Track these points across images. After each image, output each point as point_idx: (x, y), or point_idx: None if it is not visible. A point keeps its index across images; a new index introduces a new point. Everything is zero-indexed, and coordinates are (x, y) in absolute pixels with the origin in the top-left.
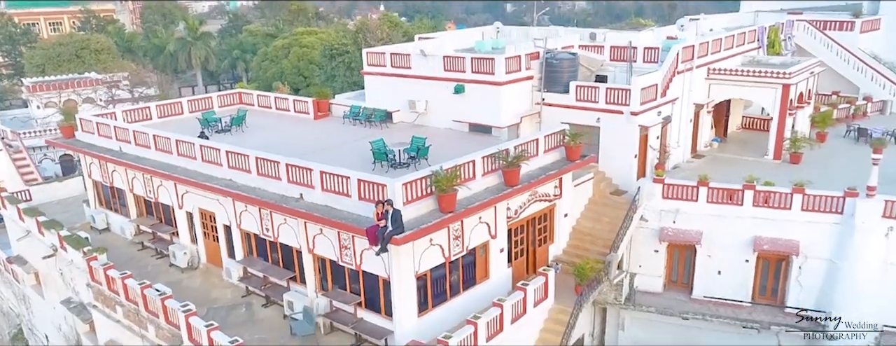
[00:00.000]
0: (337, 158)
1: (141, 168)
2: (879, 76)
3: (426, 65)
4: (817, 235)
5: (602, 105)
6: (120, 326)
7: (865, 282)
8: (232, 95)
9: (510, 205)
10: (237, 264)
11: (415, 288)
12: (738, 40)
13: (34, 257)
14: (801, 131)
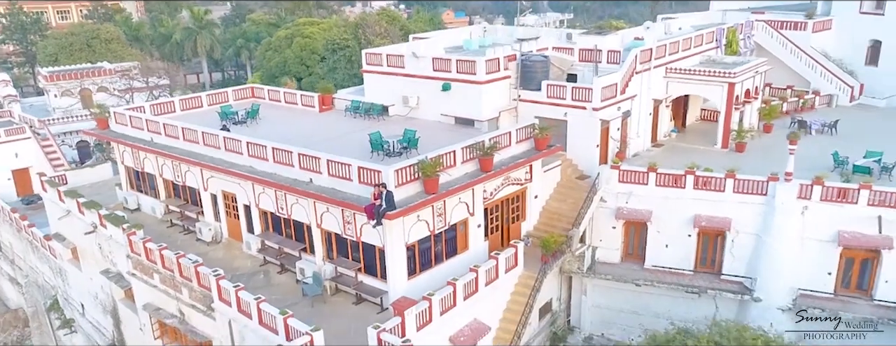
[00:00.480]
0: (340, 148)
1: (171, 156)
2: (827, 73)
3: (418, 65)
4: (746, 213)
5: (569, 101)
6: (156, 290)
7: (785, 253)
8: (245, 89)
9: (486, 188)
10: (256, 237)
11: (405, 256)
12: (697, 41)
13: (72, 234)
14: (751, 123)
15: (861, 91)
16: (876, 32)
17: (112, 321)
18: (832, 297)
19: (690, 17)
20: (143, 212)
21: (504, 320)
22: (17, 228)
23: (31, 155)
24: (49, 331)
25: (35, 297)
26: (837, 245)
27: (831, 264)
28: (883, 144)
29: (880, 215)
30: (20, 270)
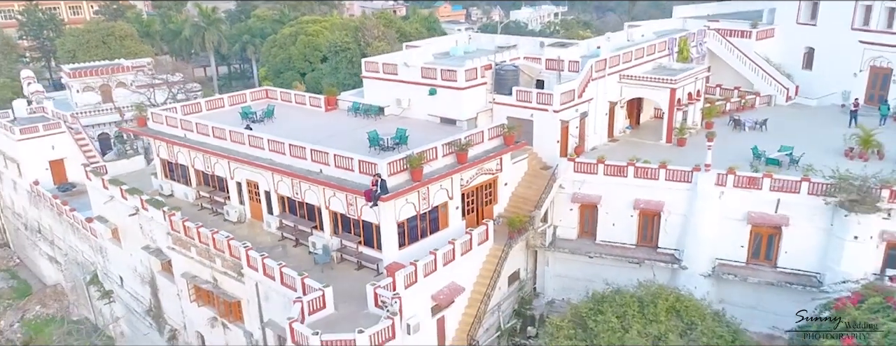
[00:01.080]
0: (343, 143)
1: (202, 150)
2: (768, 76)
3: (409, 73)
4: (676, 197)
5: (534, 104)
6: (193, 261)
7: (706, 230)
8: (260, 91)
9: (463, 176)
10: (274, 218)
11: (396, 231)
12: (649, 50)
13: (114, 216)
14: (694, 121)
15: (796, 92)
16: (810, 41)
17: (150, 289)
18: (744, 265)
19: (654, 24)
20: (176, 197)
21: (477, 283)
22: (57, 212)
23: (66, 147)
24: (87, 303)
25: (74, 273)
26: (747, 223)
27: (743, 238)
28: (802, 139)
29: (779, 199)
30: (59, 250)
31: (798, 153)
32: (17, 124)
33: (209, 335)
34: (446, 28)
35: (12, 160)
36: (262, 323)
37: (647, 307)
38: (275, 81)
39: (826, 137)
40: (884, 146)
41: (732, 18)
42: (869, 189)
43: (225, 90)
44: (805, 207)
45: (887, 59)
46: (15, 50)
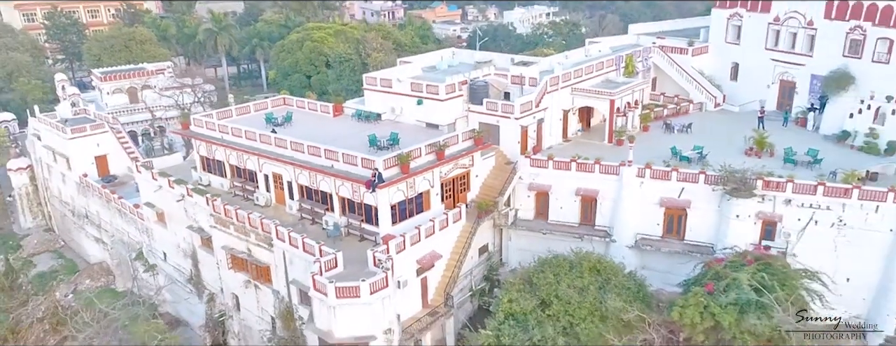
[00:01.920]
0: (349, 144)
1: (236, 148)
2: (700, 86)
3: (401, 86)
4: (608, 186)
5: (500, 113)
6: (231, 236)
7: (630, 211)
8: (279, 99)
9: (442, 170)
10: (295, 202)
11: (389, 211)
12: (598, 66)
13: (161, 202)
14: (633, 125)
15: (724, 100)
16: (736, 57)
17: (191, 262)
18: (659, 239)
19: (611, 40)
20: (213, 187)
21: (453, 252)
22: (106, 199)
23: (108, 144)
24: (130, 277)
25: (119, 251)
26: (661, 206)
27: (658, 218)
28: (718, 139)
29: (683, 187)
30: (105, 232)
31: (708, 152)
32: (68, 125)
33: (243, 295)
34: (442, 29)
35: (62, 156)
36: (288, 282)
37: (576, 267)
38: (283, 83)
39: (737, 138)
40: (774, 146)
41: (677, 36)
42: (746, 180)
43: (235, 90)
44: (702, 193)
45: (792, 74)
46: (42, 52)
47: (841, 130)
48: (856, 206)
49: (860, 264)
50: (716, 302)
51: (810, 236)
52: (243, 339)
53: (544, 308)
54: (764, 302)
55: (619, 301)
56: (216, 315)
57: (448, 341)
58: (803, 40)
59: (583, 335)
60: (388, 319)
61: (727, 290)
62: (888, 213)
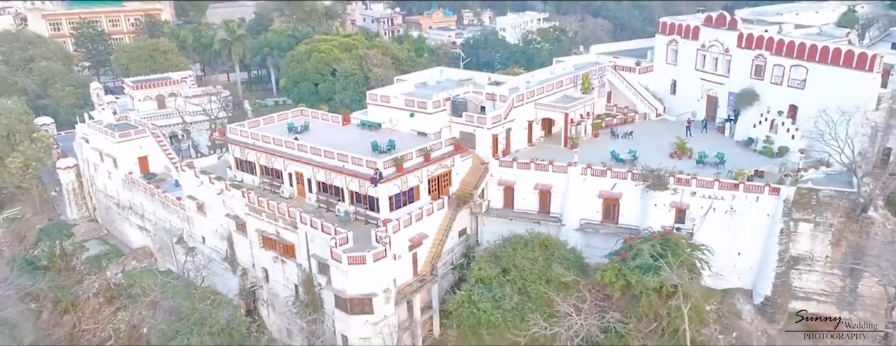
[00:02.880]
0: (355, 148)
1: (265, 152)
2: (645, 99)
3: (397, 101)
4: (559, 181)
5: (476, 124)
6: (262, 222)
7: (575, 202)
8: (297, 111)
9: (429, 169)
10: (313, 195)
11: (388, 201)
12: (558, 84)
13: (201, 195)
14: (586, 132)
15: (664, 111)
16: (674, 75)
17: (227, 244)
18: (599, 223)
19: (576, 59)
20: (245, 183)
21: (437, 234)
22: (151, 193)
23: (149, 147)
24: (171, 258)
25: (161, 237)
26: (600, 197)
27: (598, 206)
28: (653, 144)
29: (615, 182)
30: (148, 221)
31: (640, 155)
32: (115, 130)
33: (271, 269)
34: (437, 35)
35: (109, 156)
36: (309, 256)
37: (529, 243)
38: (293, 90)
39: (667, 143)
40: (693, 150)
41: (630, 55)
42: (662, 177)
43: (247, 94)
44: (630, 187)
45: (715, 90)
46: (71, 60)
47: (747, 137)
48: (742, 197)
49: (747, 242)
50: (626, 267)
51: (710, 220)
52: (271, 304)
53: (505, 274)
54: (658, 265)
55: (560, 269)
56: (248, 286)
57: (433, 302)
58: (722, 64)
59: (533, 294)
60: (386, 282)
61: (635, 258)
62: (765, 202)
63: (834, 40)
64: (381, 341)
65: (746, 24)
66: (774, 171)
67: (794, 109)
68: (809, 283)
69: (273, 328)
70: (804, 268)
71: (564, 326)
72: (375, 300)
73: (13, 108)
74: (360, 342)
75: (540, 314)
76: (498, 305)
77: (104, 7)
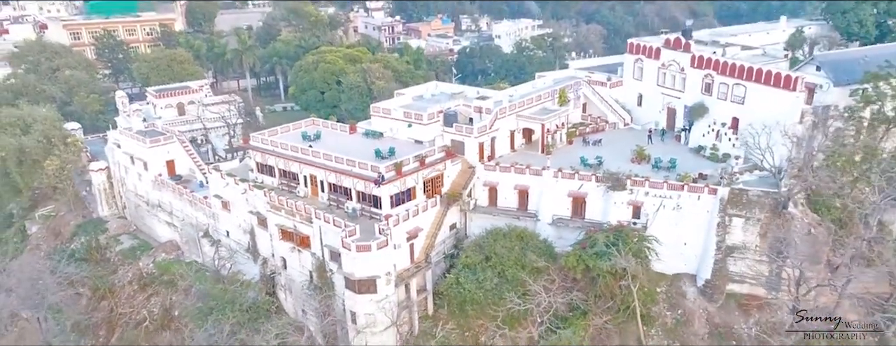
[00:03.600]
0: (361, 155)
1: (284, 157)
2: (614, 110)
3: (396, 113)
4: (535, 183)
5: (464, 133)
6: (281, 217)
7: (549, 199)
8: (310, 121)
9: (424, 173)
10: (325, 194)
11: (390, 199)
12: (537, 98)
13: (226, 194)
14: (562, 140)
15: (631, 121)
16: (640, 89)
17: (249, 237)
18: (569, 218)
19: (556, 74)
20: (265, 184)
21: (430, 227)
22: (179, 193)
23: (176, 152)
24: (197, 251)
25: (188, 232)
26: (569, 196)
27: (568, 204)
28: (618, 151)
29: (582, 184)
30: (176, 217)
31: (605, 160)
32: (146, 137)
33: (289, 258)
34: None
35: (140, 160)
36: (323, 246)
37: (508, 235)
38: (301, 97)
39: (630, 150)
40: (651, 156)
41: (602, 71)
42: (620, 179)
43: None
44: (594, 188)
45: (674, 103)
46: (93, 69)
47: (698, 145)
48: (686, 196)
49: (691, 234)
50: (585, 253)
51: (661, 216)
52: (288, 288)
53: (487, 261)
54: (610, 252)
55: (533, 256)
56: (268, 273)
57: (427, 285)
58: (679, 81)
59: (509, 277)
60: (388, 266)
61: (593, 246)
62: (705, 201)
63: (774, 61)
64: (383, 316)
65: (700, 45)
66: (716, 174)
67: (736, 121)
68: (742, 268)
69: (290, 308)
70: (738, 256)
71: (535, 303)
72: (379, 282)
73: (48, 115)
74: (366, 317)
75: (515, 293)
76: (480, 286)
77: (121, 17)
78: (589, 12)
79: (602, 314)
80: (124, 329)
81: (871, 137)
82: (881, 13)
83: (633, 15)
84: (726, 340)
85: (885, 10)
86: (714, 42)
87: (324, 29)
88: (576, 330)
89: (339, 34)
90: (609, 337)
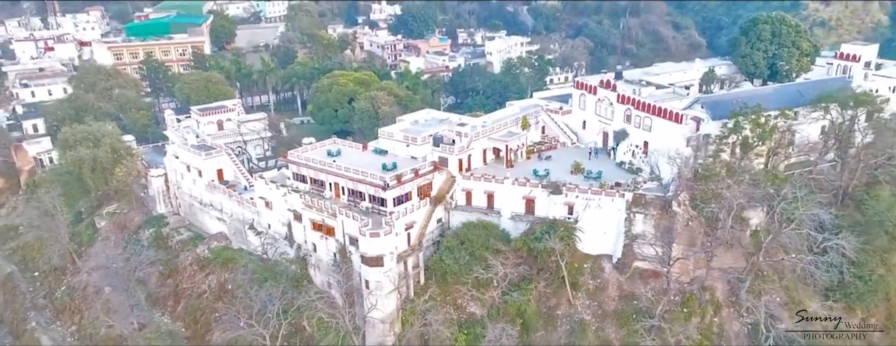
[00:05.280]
0: (372, 167)
1: (314, 168)
2: (564, 132)
3: (398, 135)
4: (498, 189)
5: (447, 151)
6: (313, 213)
7: (508, 202)
8: (331, 141)
9: (418, 181)
10: (345, 196)
11: (393, 200)
12: (504, 124)
13: (269, 196)
14: (522, 156)
15: (577, 141)
16: (583, 117)
17: (287, 228)
18: (523, 215)
19: (523, 102)
20: (300, 189)
21: (422, 221)
22: (229, 195)
23: (224, 162)
24: (243, 240)
25: (235, 225)
26: (523, 199)
27: (522, 204)
28: (562, 164)
29: (531, 190)
30: (225, 214)
31: (552, 171)
32: (201, 150)
33: (318, 243)
34: (434, 59)
35: (195, 168)
36: (344, 234)
37: (477, 227)
38: (318, 114)
39: (570, 164)
40: (585, 169)
41: (558, 100)
42: (558, 186)
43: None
44: (541, 192)
45: (607, 129)
46: (139, 87)
47: (621, 161)
48: (605, 198)
49: (609, 225)
50: (528, 238)
51: (588, 213)
52: (317, 267)
53: (462, 245)
54: (544, 237)
55: (494, 241)
56: (302, 255)
57: (420, 263)
58: (609, 112)
59: (477, 255)
60: (391, 248)
61: (533, 234)
62: (618, 202)
63: (679, 97)
64: (388, 283)
65: (628, 84)
66: (628, 182)
67: (646, 144)
68: (644, 250)
69: (318, 281)
70: (640, 241)
71: (495, 273)
72: (385, 258)
73: (113, 131)
74: (375, 284)
75: (481, 266)
76: (457, 262)
77: (156, 39)
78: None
79: (542, 282)
80: (188, 300)
81: (736, 157)
82: (771, 57)
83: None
84: (630, 301)
85: (773, 54)
86: (639, 81)
87: (335, 50)
88: (524, 293)
89: (348, 53)
90: (548, 298)
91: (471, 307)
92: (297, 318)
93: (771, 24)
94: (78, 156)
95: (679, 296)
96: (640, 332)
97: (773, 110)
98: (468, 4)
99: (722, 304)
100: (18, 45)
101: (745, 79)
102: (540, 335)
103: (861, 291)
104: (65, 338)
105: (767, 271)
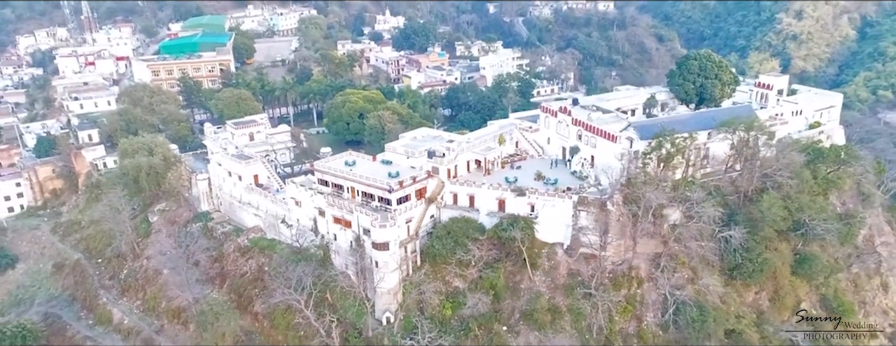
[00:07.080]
0: (380, 175)
1: (335, 175)
2: (534, 147)
3: (400, 150)
4: (478, 192)
5: (439, 162)
6: (335, 209)
7: (486, 201)
8: (347, 153)
9: (415, 185)
10: (359, 197)
11: (397, 200)
12: (484, 140)
13: (299, 196)
14: (498, 165)
15: (543, 153)
16: (547, 134)
17: (313, 222)
18: (497, 212)
19: (501, 121)
20: (324, 191)
21: (419, 216)
22: (265, 195)
23: (259, 169)
24: (276, 232)
25: (270, 220)
26: (496, 200)
27: (496, 204)
28: (529, 173)
29: (502, 192)
30: (261, 210)
31: (520, 179)
32: (241, 159)
33: (339, 233)
34: (433, 74)
35: (235, 173)
36: (360, 226)
37: (459, 221)
38: (332, 126)
39: (534, 172)
40: (547, 176)
41: (530, 120)
42: (522, 189)
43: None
44: (510, 195)
45: (565, 145)
46: (177, 102)
47: (574, 171)
48: (558, 199)
49: (561, 220)
50: (499, 229)
51: (545, 210)
52: (337, 252)
53: (449, 235)
54: (509, 228)
55: (473, 231)
56: (325, 243)
57: (417, 248)
58: (567, 131)
59: (460, 242)
60: (395, 236)
61: (501, 226)
62: (567, 202)
63: (619, 120)
64: (393, 263)
65: (582, 109)
66: (578, 186)
67: (593, 158)
68: (587, 239)
69: (337, 264)
70: (585, 232)
71: (473, 256)
72: (390, 244)
73: (163, 141)
74: (383, 264)
75: (462, 251)
76: (444, 247)
77: (187, 57)
78: (568, 37)
79: (509, 263)
80: (232, 279)
81: (657, 169)
82: (699, 86)
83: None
84: (575, 277)
85: (701, 84)
86: (592, 106)
87: (345, 68)
88: (495, 271)
89: (357, 70)
90: (513, 275)
91: (455, 281)
92: (323, 290)
93: (699, 60)
94: (136, 163)
95: (611, 273)
96: (579, 298)
97: (690, 132)
98: (467, 16)
99: (643, 279)
100: (62, 61)
101: (680, 103)
102: (507, 302)
103: (751, 270)
104: (132, 310)
105: (679, 255)
